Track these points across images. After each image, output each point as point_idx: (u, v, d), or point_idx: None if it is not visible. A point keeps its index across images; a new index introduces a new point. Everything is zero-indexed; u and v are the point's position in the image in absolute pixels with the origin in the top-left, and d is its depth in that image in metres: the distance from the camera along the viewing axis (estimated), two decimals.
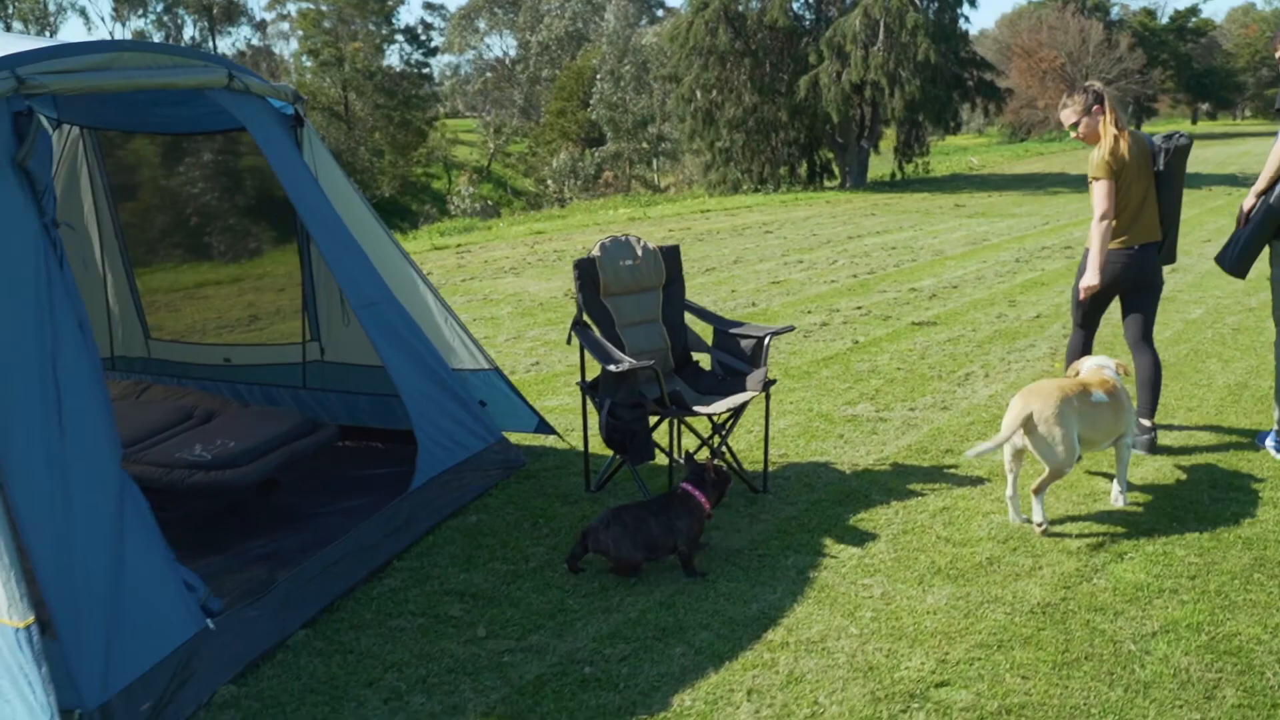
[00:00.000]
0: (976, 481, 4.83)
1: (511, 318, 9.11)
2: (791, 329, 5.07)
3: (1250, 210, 5.05)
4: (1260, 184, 5.00)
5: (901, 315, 8.69)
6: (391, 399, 5.14)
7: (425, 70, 62.67)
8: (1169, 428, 5.60)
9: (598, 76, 46.56)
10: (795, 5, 25.98)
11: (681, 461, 4.44)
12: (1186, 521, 4.34)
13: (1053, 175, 28.89)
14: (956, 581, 3.85)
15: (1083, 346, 5.44)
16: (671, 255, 5.08)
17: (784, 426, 5.76)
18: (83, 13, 70.85)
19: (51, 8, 66.15)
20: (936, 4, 24.87)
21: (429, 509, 4.63)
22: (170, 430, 4.99)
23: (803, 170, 28.01)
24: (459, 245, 14.85)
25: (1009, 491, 4.38)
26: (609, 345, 4.57)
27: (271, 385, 5.93)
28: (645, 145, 46.54)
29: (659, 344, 4.98)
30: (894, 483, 4.86)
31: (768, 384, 4.71)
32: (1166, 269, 5.33)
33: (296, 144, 5.09)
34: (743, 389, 4.74)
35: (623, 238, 4.99)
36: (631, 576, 3.97)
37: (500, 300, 9.99)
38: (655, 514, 3.95)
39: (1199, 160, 33.51)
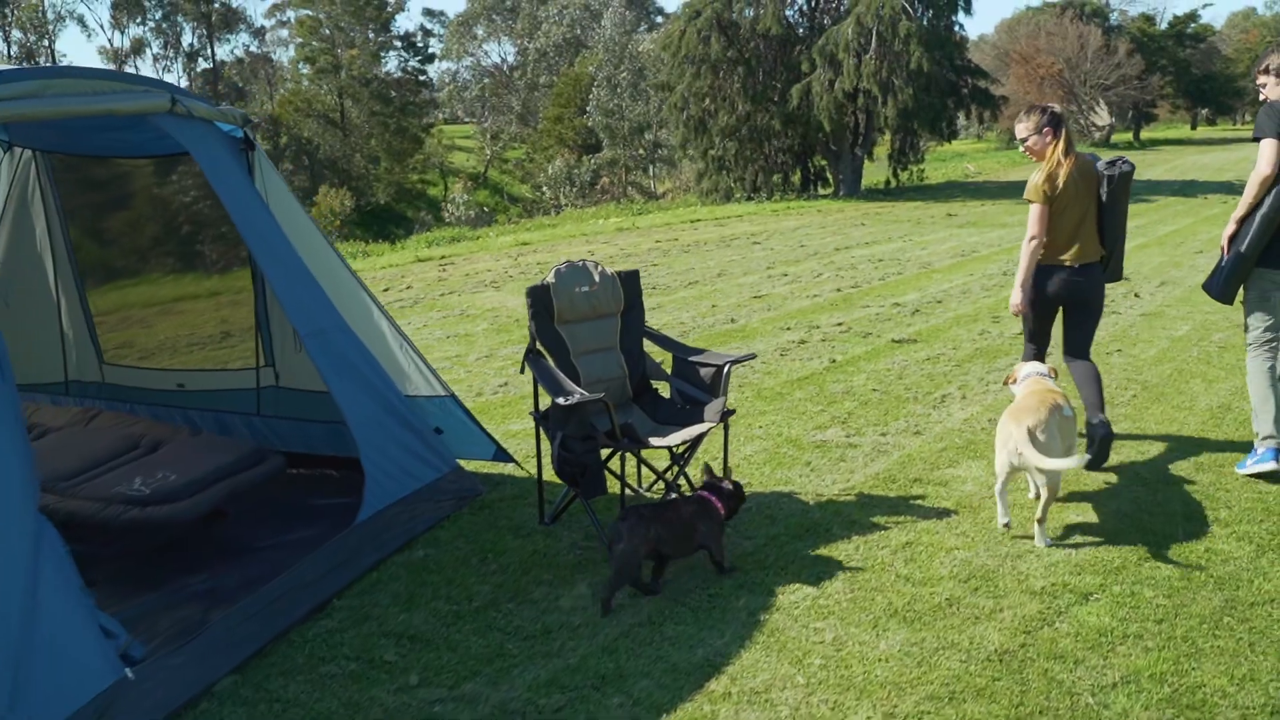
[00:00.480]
0: (942, 514, 4.68)
1: (486, 334, 8.96)
2: (752, 357, 4.92)
3: (1233, 236, 5.03)
4: (1240, 210, 4.98)
5: (882, 332, 8.53)
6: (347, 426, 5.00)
7: (422, 77, 62.51)
8: (1137, 435, 5.44)
9: (594, 83, 46.45)
10: (789, 13, 25.84)
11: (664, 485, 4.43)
12: (1158, 558, 4.18)
13: None
14: (912, 625, 3.69)
15: (1036, 357, 5.44)
16: (630, 280, 4.93)
17: (750, 453, 5.61)
18: (80, 21, 70.01)
19: (50, 16, 66.19)
20: (931, 12, 24.72)
21: (375, 543, 4.49)
22: (114, 461, 4.85)
23: (796, 178, 27.87)
24: (443, 257, 14.71)
25: (999, 487, 4.47)
26: (561, 376, 4.42)
27: (225, 412, 5.78)
28: (642, 152, 46.43)
29: (616, 372, 4.83)
30: (858, 515, 4.70)
31: (726, 414, 4.56)
32: (1154, 281, 5.45)
33: (249, 168, 4.99)
34: (701, 419, 4.59)
35: (579, 263, 4.84)
36: (626, 581, 3.91)
37: (477, 315, 9.84)
38: (673, 514, 4.02)
39: (1197, 167, 33.42)
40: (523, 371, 4.63)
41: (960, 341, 8.13)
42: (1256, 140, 4.91)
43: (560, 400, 4.16)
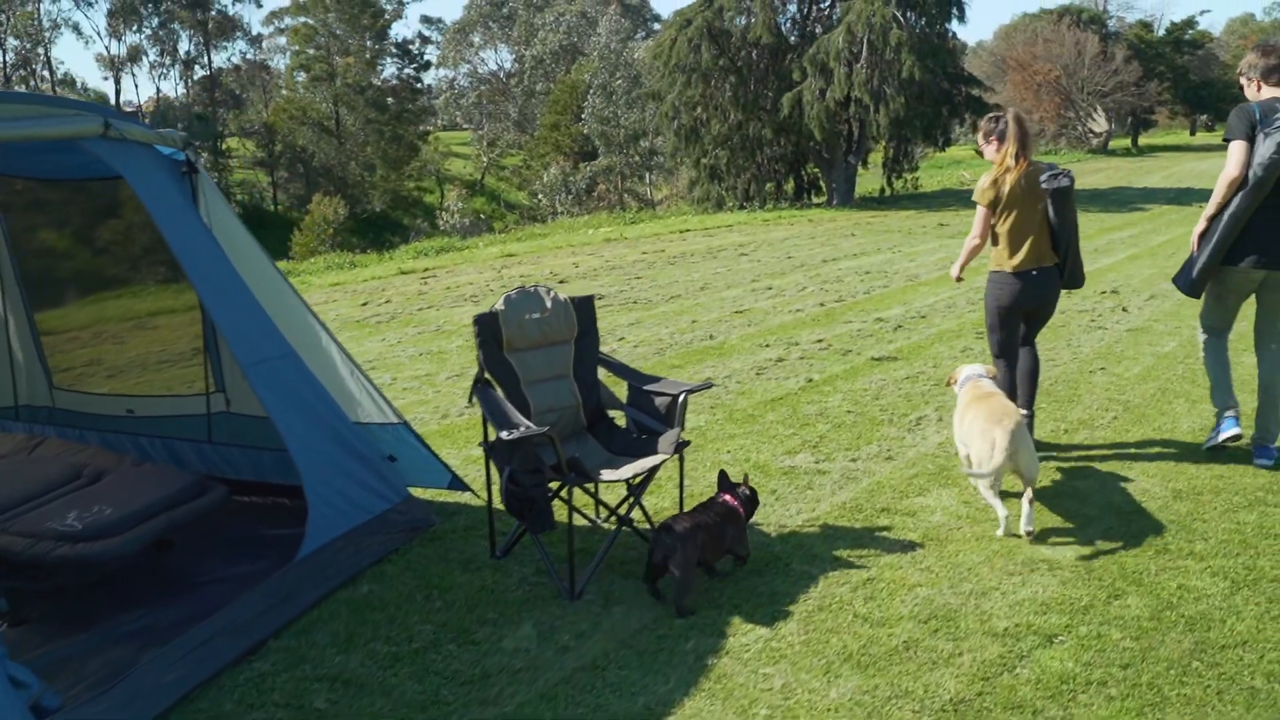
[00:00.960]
0: (907, 547, 4.51)
1: (460, 352, 8.80)
2: (709, 386, 4.77)
3: (1203, 234, 5.26)
4: (1210, 209, 5.19)
5: (862, 349, 8.37)
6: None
7: (417, 85, 62.42)
8: (1116, 459, 5.28)
9: (590, 90, 46.35)
10: (780, 21, 25.70)
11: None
12: (1128, 595, 4.02)
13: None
14: (866, 671, 3.52)
15: (1008, 378, 5.58)
16: (584, 306, 4.77)
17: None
18: (76, 29, 70.01)
19: (45, 24, 66.13)
20: (923, 20, 24.57)
21: (317, 579, 4.33)
22: (53, 492, 4.70)
23: (789, 187, 27.71)
24: (426, 269, 14.54)
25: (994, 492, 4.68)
26: (509, 408, 4.26)
27: (176, 439, 5.63)
28: (638, 159, 46.30)
29: (569, 401, 4.67)
30: (820, 548, 4.54)
31: (680, 445, 4.40)
32: (1144, 294, 6.01)
33: (193, 192, 4.85)
34: (656, 450, 4.42)
35: (531, 289, 4.68)
36: (692, 585, 3.99)
37: (453, 332, 9.68)
38: (710, 520, 4.13)
39: (1194, 174, 33.27)
40: (470, 402, 4.46)
41: (941, 359, 7.97)
42: (1227, 142, 5.07)
43: (504, 434, 4.00)
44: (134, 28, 71.09)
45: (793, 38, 25.92)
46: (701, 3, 25.20)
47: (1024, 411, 5.36)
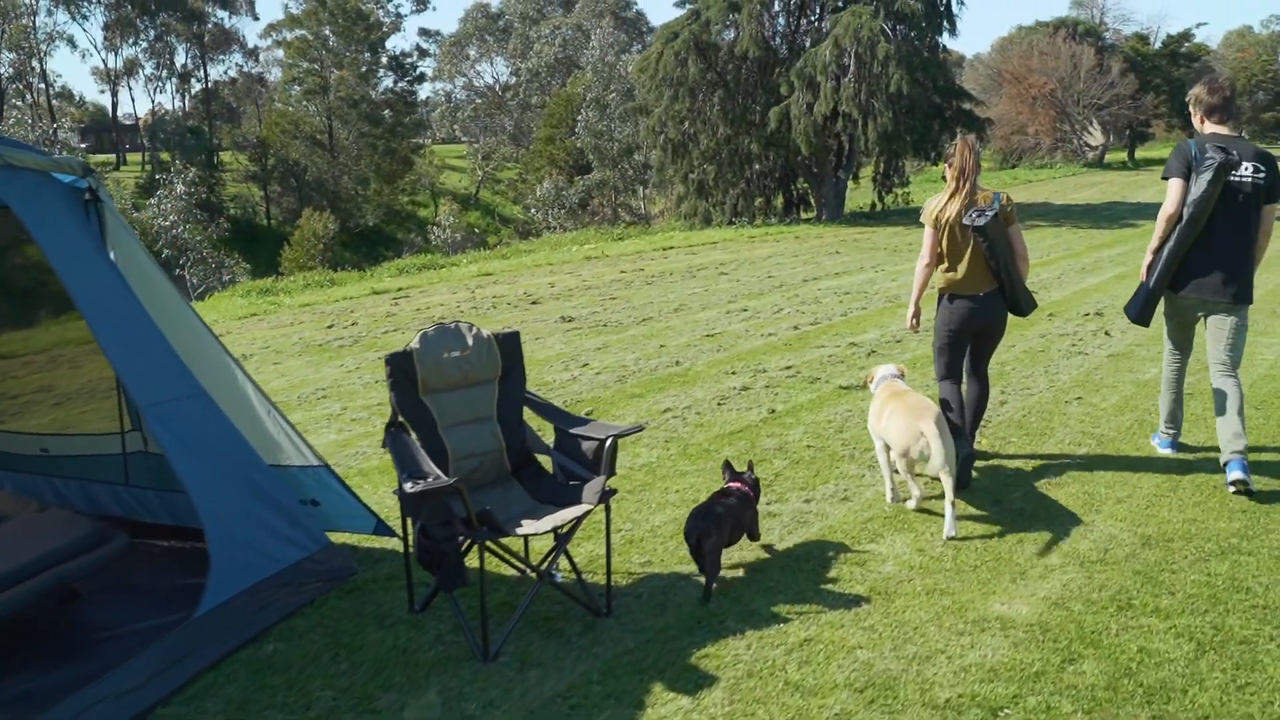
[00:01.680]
0: (852, 602, 4.21)
1: None
2: (640, 429, 4.45)
3: (1150, 265, 5.58)
4: (1154, 243, 5.50)
5: (832, 377, 8.07)
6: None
7: (411, 98, 62.26)
8: (1083, 498, 4.97)
9: (583, 104, 46.13)
10: (769, 34, 25.46)
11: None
12: (1084, 659, 3.72)
13: (1036, 206, 28.37)
14: None
15: (956, 399, 5.61)
16: (509, 343, 4.47)
17: (658, 524, 5.14)
18: (70, 41, 69.85)
19: (41, 36, 66.05)
20: (913, 33, 24.33)
21: (217, 637, 4.02)
22: None
23: (779, 202, 27.44)
24: (400, 289, 14.26)
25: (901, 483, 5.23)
26: (420, 455, 3.96)
27: (91, 481, 5.33)
28: (631, 173, 46.03)
29: (491, 445, 4.37)
30: (758, 602, 4.23)
31: (606, 495, 4.10)
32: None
33: (100, 221, 4.56)
34: (580, 499, 4.12)
35: (451, 325, 4.39)
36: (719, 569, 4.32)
37: None
38: (730, 506, 4.46)
39: None
40: (384, 446, 4.17)
41: (913, 388, 7.65)
42: (1165, 180, 5.40)
43: (406, 486, 3.70)
44: (130, 40, 71.07)
45: (781, 51, 25.68)
46: (688, 16, 24.99)
47: (966, 438, 5.52)
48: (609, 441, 4.15)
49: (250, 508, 4.36)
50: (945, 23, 25.34)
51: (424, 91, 73.96)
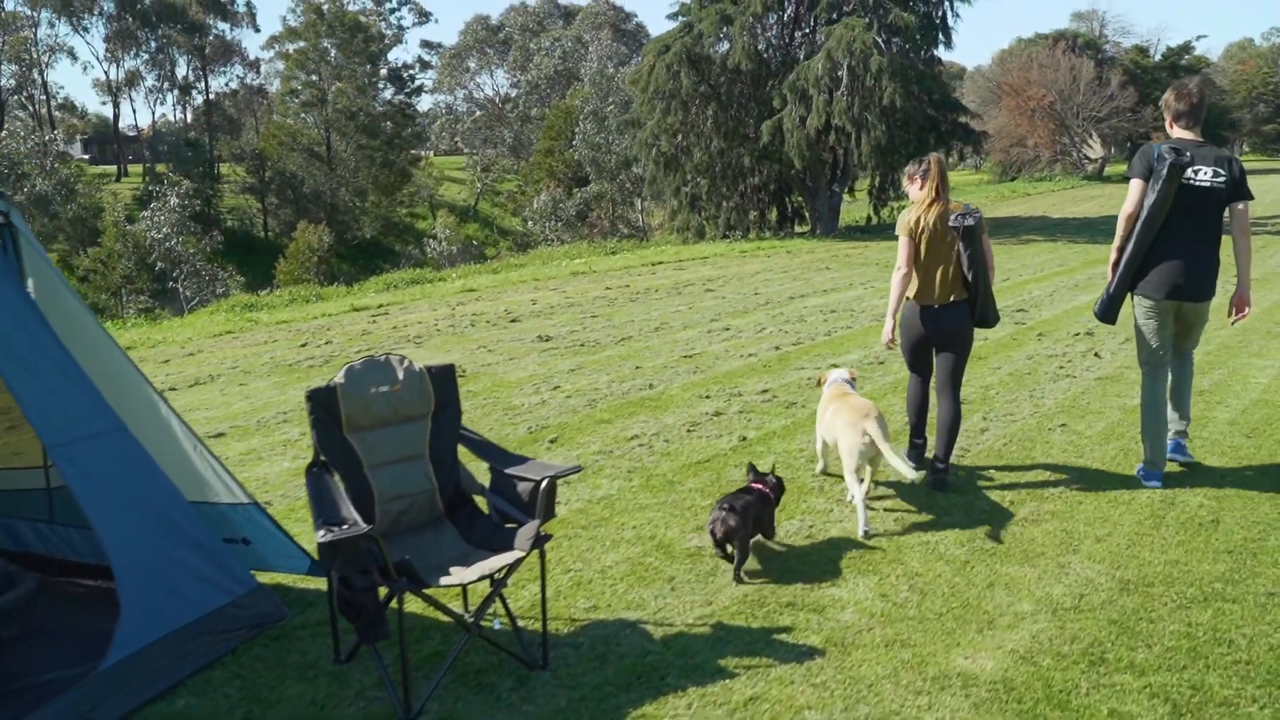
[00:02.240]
0: (805, 655, 3.92)
1: None
2: (578, 470, 4.16)
3: (1114, 264, 5.72)
4: (1117, 242, 5.66)
5: (808, 401, 7.79)
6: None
7: (409, 111, 62.15)
8: (1060, 537, 4.69)
9: (580, 116, 45.96)
10: (762, 47, 25.23)
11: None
12: None
13: (1033, 219, 28.12)
14: None
15: (921, 392, 5.93)
16: (443, 378, 4.20)
17: (610, 564, 4.86)
18: (71, 54, 69.90)
19: (42, 48, 66.05)
20: (908, 46, 24.10)
21: (126, 691, 3.76)
22: None
23: (773, 216, 27.19)
24: (379, 306, 14.01)
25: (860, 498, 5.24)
26: (339, 499, 3.68)
27: (14, 518, 5.06)
28: (629, 186, 45.82)
29: (423, 485, 4.10)
30: (705, 654, 3.95)
31: (540, 540, 3.82)
32: (1119, 337, 6.59)
33: (15, 249, 4.31)
34: (512, 545, 3.85)
35: (380, 358, 4.11)
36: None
37: None
38: (751, 503, 4.74)
39: None
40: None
41: (891, 414, 7.39)
42: (1128, 180, 5.61)
43: (319, 535, 3.43)
44: (132, 52, 71.06)
45: (775, 63, 25.46)
46: (681, 28, 24.79)
47: (940, 465, 5.73)
48: (544, 484, 3.88)
49: (169, 550, 4.09)
50: (941, 35, 25.14)
51: (425, 103, 73.99)
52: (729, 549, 4.70)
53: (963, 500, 5.59)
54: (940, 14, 25.00)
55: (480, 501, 4.26)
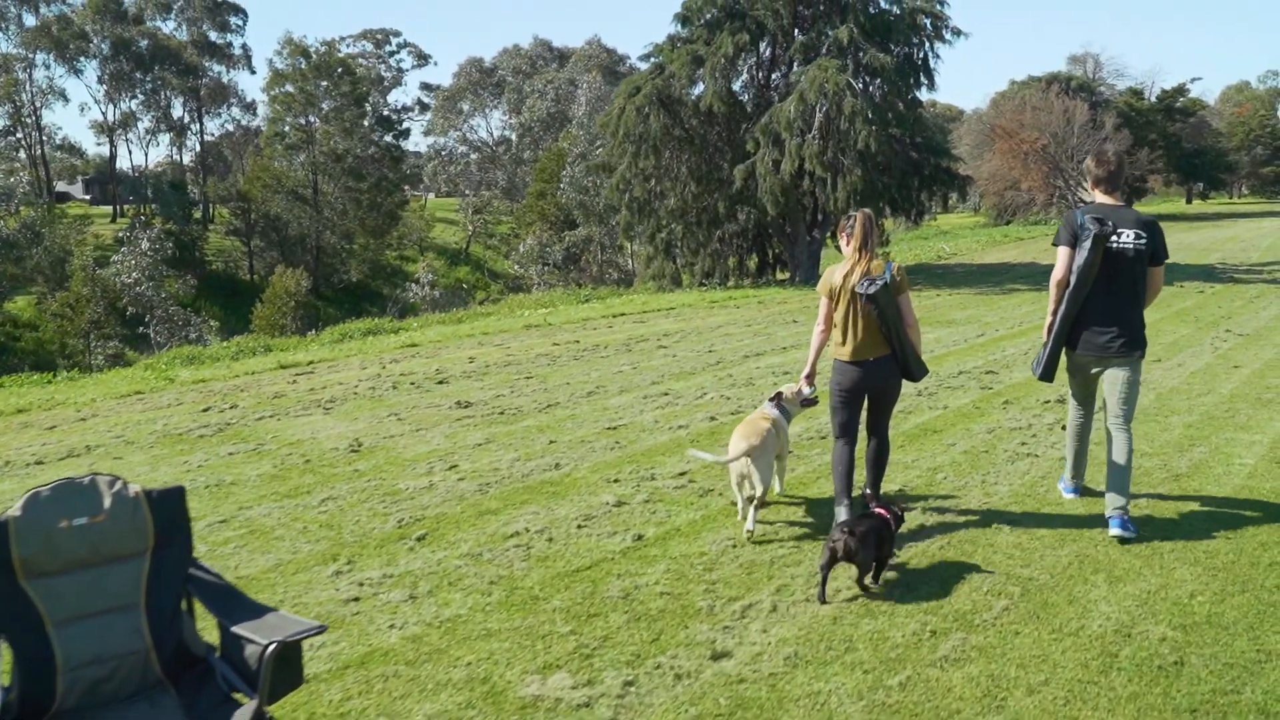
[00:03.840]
0: None
1: (258, 483, 7.31)
2: (321, 629, 3.19)
3: (1049, 327, 5.98)
4: (1050, 304, 5.93)
5: (729, 488, 6.84)
6: None
7: (397, 153, 61.67)
8: (988, 680, 3.72)
9: (568, 160, 45.37)
10: (737, 88, 24.52)
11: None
12: None
13: (1022, 266, 27.30)
14: None
15: (847, 458, 5.85)
16: (167, 504, 3.27)
17: (427, 715, 3.90)
18: (63, 96, 69.82)
19: (35, 90, 65.93)
20: (886, 88, 23.36)
21: None
22: None
23: (753, 263, 26.36)
24: (309, 364, 13.11)
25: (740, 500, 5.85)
26: None
27: None
28: (618, 230, 45.10)
29: (131, 645, 3.16)
30: None
31: None
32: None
33: None
34: None
35: (84, 479, 3.19)
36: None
37: (271, 453, 8.20)
38: (877, 529, 4.95)
39: (1182, 247, 31.98)
40: None
41: (818, 508, 6.44)
42: (1055, 247, 5.91)
43: None
44: (129, 94, 70.89)
45: (750, 106, 24.74)
46: (652, 70, 24.10)
47: (868, 493, 5.87)
48: (267, 651, 2.94)
49: None
50: (924, 77, 24.41)
51: (421, 145, 73.67)
52: (832, 571, 4.93)
53: (873, 628, 4.63)
54: (921, 55, 24.31)
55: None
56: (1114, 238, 5.66)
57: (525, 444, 8.19)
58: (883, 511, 5.13)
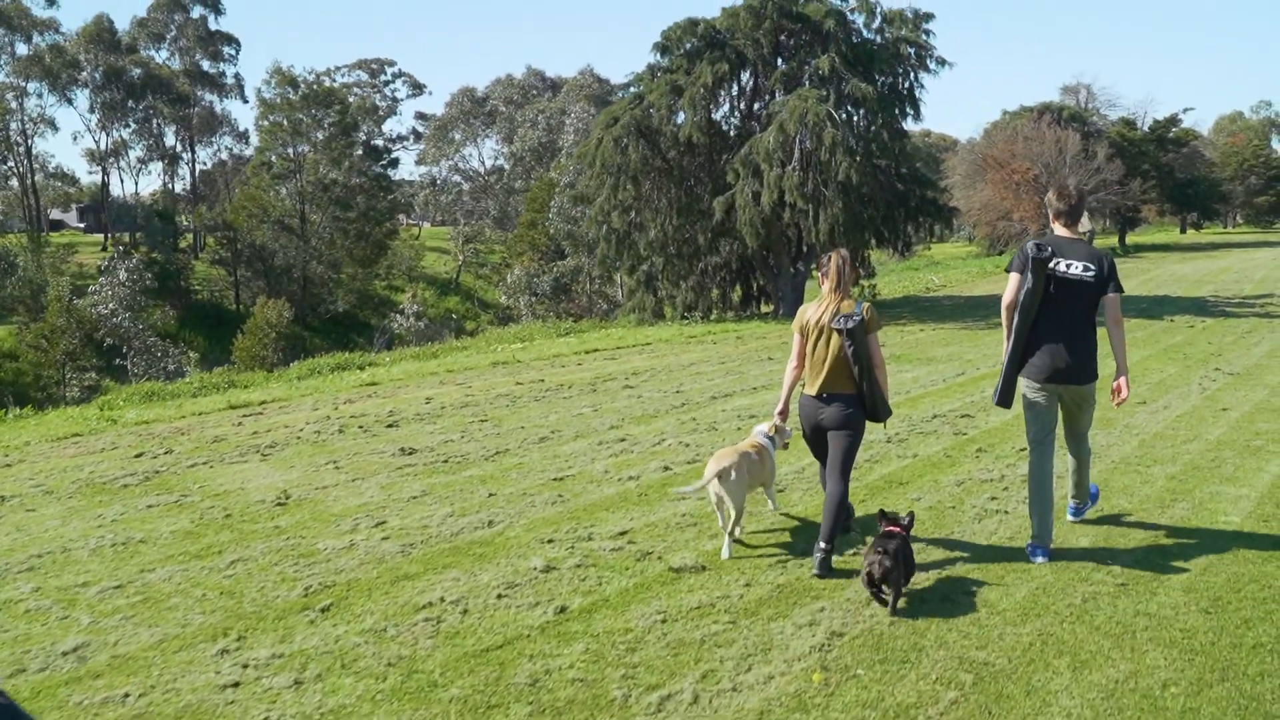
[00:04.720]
0: None
1: (169, 541, 6.80)
2: None
3: (1006, 353, 6.07)
4: (1004, 330, 6.08)
5: (669, 551, 6.31)
6: None
7: (385, 183, 61.39)
8: None
9: (557, 190, 45.05)
10: (719, 118, 24.15)
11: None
12: None
13: None
14: None
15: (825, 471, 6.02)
16: None
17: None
18: (52, 124, 69.67)
19: (27, 119, 65.79)
20: (869, 119, 22.99)
21: None
22: None
23: (736, 295, 25.91)
24: (260, 404, 12.60)
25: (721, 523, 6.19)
26: None
27: None
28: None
29: None
30: None
31: None
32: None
33: None
34: None
35: None
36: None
37: (188, 506, 7.68)
38: (898, 547, 5.19)
39: (1175, 279, 31.62)
40: None
41: (762, 571, 5.92)
42: (1008, 273, 6.06)
43: None
44: (122, 123, 70.77)
45: (731, 136, 24.37)
46: (630, 101, 23.75)
47: (822, 544, 5.76)
48: None
49: None
50: (909, 106, 24.07)
51: (414, 174, 73.49)
52: (885, 590, 5.14)
53: None
54: (906, 85, 23.97)
55: None
56: (1058, 265, 5.83)
57: (463, 497, 7.67)
58: (896, 528, 5.38)
